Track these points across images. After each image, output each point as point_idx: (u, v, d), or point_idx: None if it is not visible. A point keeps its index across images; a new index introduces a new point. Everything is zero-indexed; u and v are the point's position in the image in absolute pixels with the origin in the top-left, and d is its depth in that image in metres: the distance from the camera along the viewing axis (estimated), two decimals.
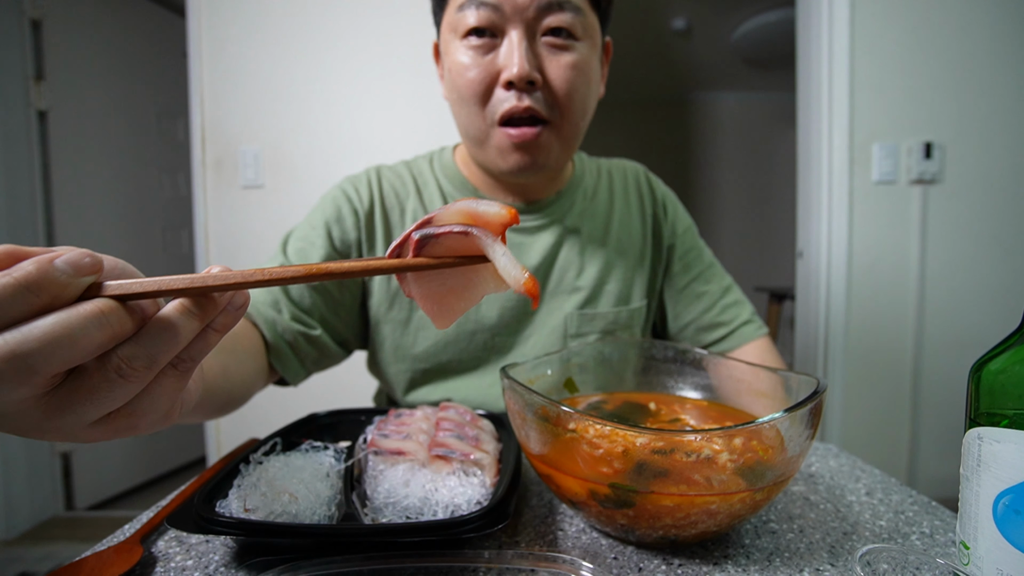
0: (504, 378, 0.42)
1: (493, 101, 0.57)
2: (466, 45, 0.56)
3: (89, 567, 0.35)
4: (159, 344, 0.23)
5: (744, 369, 0.49)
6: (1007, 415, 0.28)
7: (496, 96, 0.56)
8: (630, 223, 0.72)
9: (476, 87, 0.56)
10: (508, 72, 0.54)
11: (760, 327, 0.73)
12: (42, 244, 1.93)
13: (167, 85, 2.31)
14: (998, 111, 1.61)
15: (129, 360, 0.22)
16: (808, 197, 1.69)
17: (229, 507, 0.36)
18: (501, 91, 0.56)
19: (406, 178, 0.70)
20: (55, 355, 0.20)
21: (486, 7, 0.54)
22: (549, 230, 0.68)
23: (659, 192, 0.77)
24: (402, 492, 0.38)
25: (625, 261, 0.70)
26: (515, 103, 0.55)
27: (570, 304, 0.68)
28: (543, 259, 0.68)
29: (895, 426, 1.65)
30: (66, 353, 0.20)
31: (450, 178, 0.70)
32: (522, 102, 0.55)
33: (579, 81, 0.57)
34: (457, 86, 0.58)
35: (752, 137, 4.02)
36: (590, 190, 0.73)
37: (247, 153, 1.63)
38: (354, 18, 1.62)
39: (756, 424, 0.34)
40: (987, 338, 1.53)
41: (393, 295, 0.66)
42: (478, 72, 0.56)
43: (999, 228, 1.63)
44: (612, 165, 0.78)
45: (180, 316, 0.24)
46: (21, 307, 0.20)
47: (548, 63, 0.56)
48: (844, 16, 1.56)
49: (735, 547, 0.38)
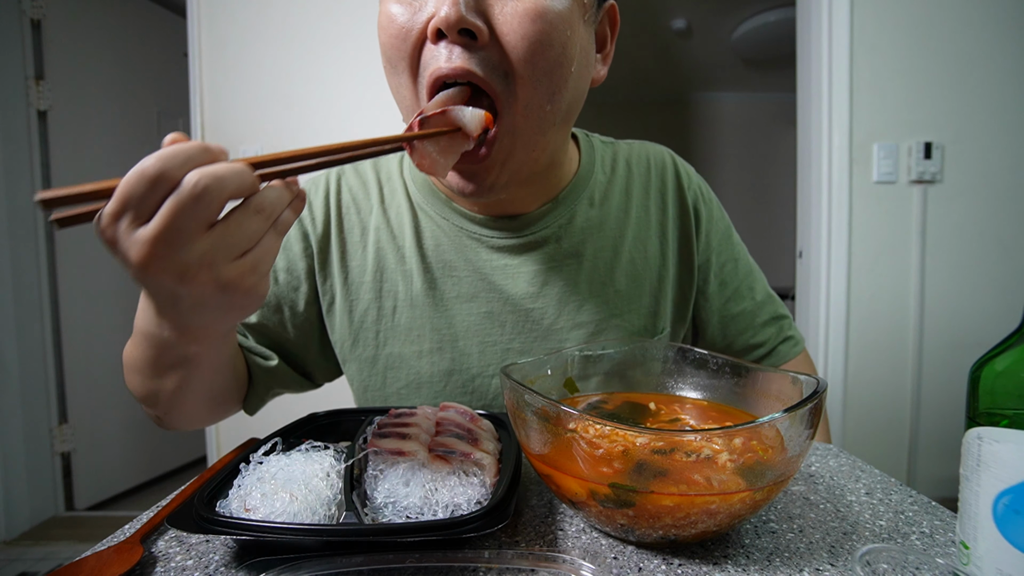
0: (504, 378, 0.42)
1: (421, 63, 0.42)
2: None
3: (89, 567, 0.35)
4: (275, 197, 0.31)
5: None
6: (1007, 415, 0.28)
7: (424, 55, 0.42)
8: (648, 234, 0.58)
9: (400, 43, 0.42)
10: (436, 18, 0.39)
11: (797, 343, 0.64)
12: (42, 244, 1.93)
13: (167, 85, 2.31)
14: (998, 111, 1.61)
15: (260, 202, 0.30)
16: (808, 197, 1.69)
17: (229, 507, 0.36)
18: (430, 47, 0.41)
19: (371, 186, 0.59)
20: (225, 186, 0.28)
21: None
22: (542, 250, 0.55)
23: (690, 193, 0.60)
24: (402, 492, 0.38)
25: (642, 287, 0.57)
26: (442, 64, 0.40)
27: (571, 339, 0.56)
28: (531, 290, 0.55)
29: (895, 426, 1.65)
30: (232, 185, 0.29)
31: (419, 185, 0.57)
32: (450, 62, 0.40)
33: (545, 36, 0.41)
34: (382, 46, 0.43)
35: (752, 137, 4.02)
36: (599, 193, 0.58)
37: (247, 153, 1.63)
38: (354, 18, 1.62)
39: (756, 424, 0.34)
40: (987, 338, 1.53)
41: (356, 332, 0.56)
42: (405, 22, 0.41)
43: (999, 228, 1.63)
44: (633, 152, 0.61)
45: (283, 185, 0.32)
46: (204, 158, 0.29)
47: (498, 8, 0.40)
48: (844, 16, 1.56)
49: (735, 547, 0.38)
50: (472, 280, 0.55)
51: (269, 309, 0.56)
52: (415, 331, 0.55)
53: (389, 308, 0.55)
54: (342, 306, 0.56)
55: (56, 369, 1.98)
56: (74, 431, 2.00)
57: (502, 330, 0.55)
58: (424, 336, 0.55)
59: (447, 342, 0.55)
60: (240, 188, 0.29)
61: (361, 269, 0.56)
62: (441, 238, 0.56)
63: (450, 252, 0.55)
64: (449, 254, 0.55)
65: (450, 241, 0.55)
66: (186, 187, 0.27)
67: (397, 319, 0.55)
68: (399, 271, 0.55)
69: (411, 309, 0.55)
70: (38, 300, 1.93)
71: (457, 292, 0.55)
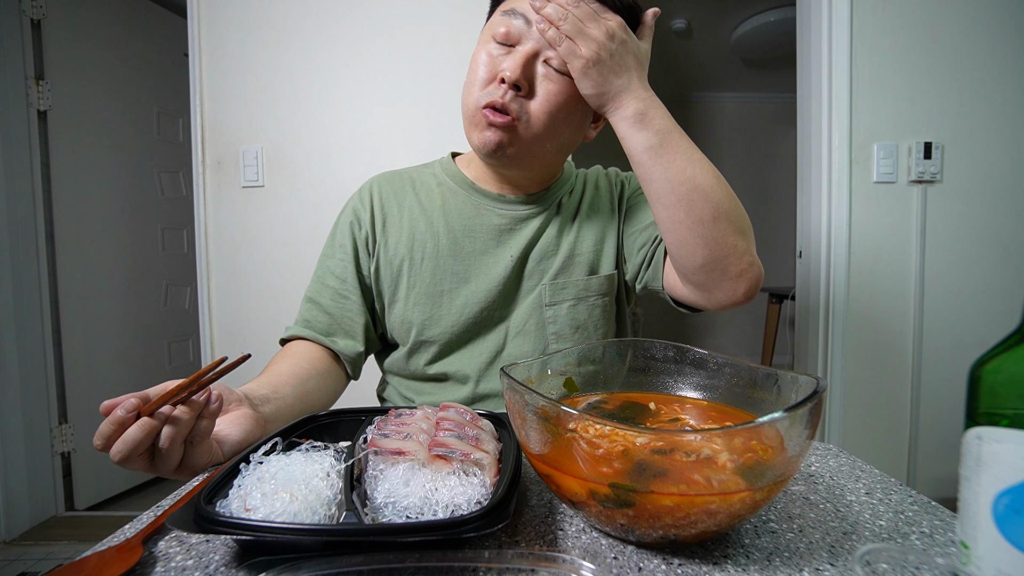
0: (504, 378, 0.42)
1: (488, 89, 0.68)
2: (492, 45, 0.68)
3: (90, 567, 0.35)
4: (177, 429, 0.46)
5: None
6: (1007, 415, 0.28)
7: (490, 87, 0.68)
8: (599, 203, 0.82)
9: (484, 75, 0.68)
10: (504, 72, 0.66)
11: None
12: (42, 244, 1.93)
13: (167, 85, 2.31)
14: (998, 111, 1.61)
15: (165, 439, 0.46)
16: (808, 197, 1.69)
17: (229, 507, 0.36)
18: (495, 85, 0.67)
19: (405, 183, 0.82)
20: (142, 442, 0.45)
21: (518, 16, 0.66)
22: (537, 218, 0.79)
23: (622, 175, 0.88)
24: (402, 492, 0.38)
25: (593, 235, 0.79)
26: (498, 98, 0.66)
27: (546, 277, 0.77)
28: (528, 242, 0.77)
29: (895, 426, 1.65)
30: (144, 440, 0.45)
31: (451, 175, 0.82)
32: (504, 97, 0.66)
33: (556, 106, 0.67)
34: (472, 70, 0.70)
35: (752, 137, 4.02)
36: (576, 189, 0.84)
37: (247, 153, 1.63)
38: (354, 18, 1.62)
39: (756, 424, 0.34)
40: (987, 338, 1.54)
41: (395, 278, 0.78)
42: (491, 67, 0.68)
43: (999, 228, 1.63)
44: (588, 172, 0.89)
45: (181, 414, 0.46)
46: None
47: (539, 82, 0.67)
48: (844, 16, 1.56)
49: (735, 547, 0.38)
50: (485, 238, 0.77)
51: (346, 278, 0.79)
52: (438, 275, 0.76)
53: (419, 259, 0.77)
54: (384, 261, 0.79)
55: (56, 369, 1.98)
56: (74, 431, 2.00)
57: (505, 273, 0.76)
58: (445, 279, 0.77)
59: (462, 283, 0.77)
60: (148, 438, 0.45)
61: (398, 235, 0.78)
62: (464, 208, 0.78)
63: (471, 218, 0.78)
64: (470, 220, 0.78)
65: (472, 210, 0.78)
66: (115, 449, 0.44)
67: (424, 267, 0.77)
68: (428, 233, 0.77)
69: (436, 260, 0.77)
70: (38, 300, 1.93)
71: (473, 247, 0.77)
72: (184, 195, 2.42)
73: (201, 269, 1.65)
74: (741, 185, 4.02)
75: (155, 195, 2.32)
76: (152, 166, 2.30)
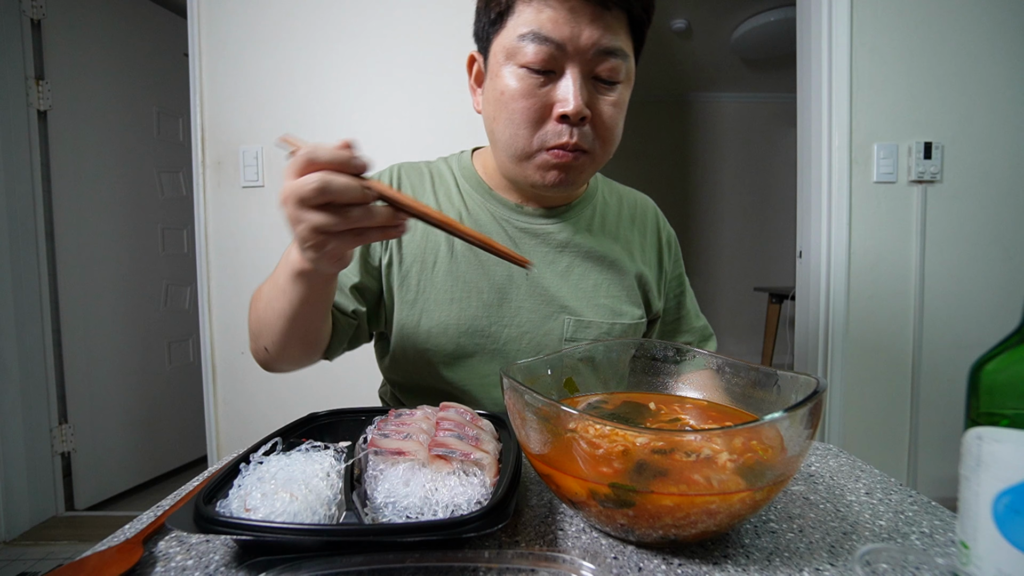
0: (504, 378, 0.42)
1: (545, 130, 0.61)
2: (522, 72, 0.60)
3: (90, 567, 0.35)
4: (376, 213, 0.43)
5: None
6: (1007, 415, 0.28)
7: (549, 127, 0.61)
8: (631, 249, 0.78)
9: (531, 115, 0.60)
10: (564, 107, 0.59)
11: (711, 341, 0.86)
12: (42, 244, 1.93)
13: (167, 85, 2.31)
14: (998, 111, 1.61)
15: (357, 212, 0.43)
16: (808, 197, 1.69)
17: (229, 507, 0.36)
18: (554, 123, 0.60)
19: (425, 175, 0.76)
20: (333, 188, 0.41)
21: (550, 44, 0.58)
22: (559, 236, 0.73)
23: (666, 231, 0.84)
24: (402, 492, 0.38)
25: (619, 281, 0.75)
26: (567, 139, 0.60)
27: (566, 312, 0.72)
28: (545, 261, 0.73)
29: (895, 426, 1.65)
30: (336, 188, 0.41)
31: (467, 178, 0.76)
32: (572, 138, 0.60)
33: (619, 117, 0.64)
34: (510, 109, 0.61)
35: (752, 137, 4.02)
36: (599, 208, 0.78)
37: (247, 153, 1.63)
38: (354, 18, 1.62)
39: (756, 424, 0.34)
40: (987, 338, 1.53)
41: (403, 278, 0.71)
42: (535, 102, 0.60)
43: (999, 228, 1.63)
44: (625, 192, 0.84)
45: (391, 212, 0.44)
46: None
47: (597, 101, 0.61)
48: (844, 16, 1.56)
49: (735, 547, 0.38)
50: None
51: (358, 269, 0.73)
52: (449, 281, 0.70)
53: (430, 262, 0.71)
54: (396, 259, 0.71)
55: (56, 369, 1.97)
56: (74, 431, 2.00)
57: (517, 291, 0.71)
58: (457, 286, 0.70)
59: (474, 293, 0.70)
60: (343, 193, 0.41)
61: (412, 233, 0.71)
62: (481, 215, 0.73)
63: (489, 225, 0.72)
64: (486, 228, 0.72)
65: (490, 218, 0.73)
66: (312, 179, 0.40)
67: (436, 271, 0.71)
68: (443, 235, 0.71)
69: (449, 264, 0.71)
70: (38, 300, 1.93)
71: (488, 257, 0.70)
72: (184, 195, 2.42)
73: (201, 269, 1.65)
74: (741, 185, 4.03)
75: (155, 195, 2.32)
76: (152, 166, 2.30)
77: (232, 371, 1.65)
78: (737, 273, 4.04)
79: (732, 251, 4.03)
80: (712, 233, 4.02)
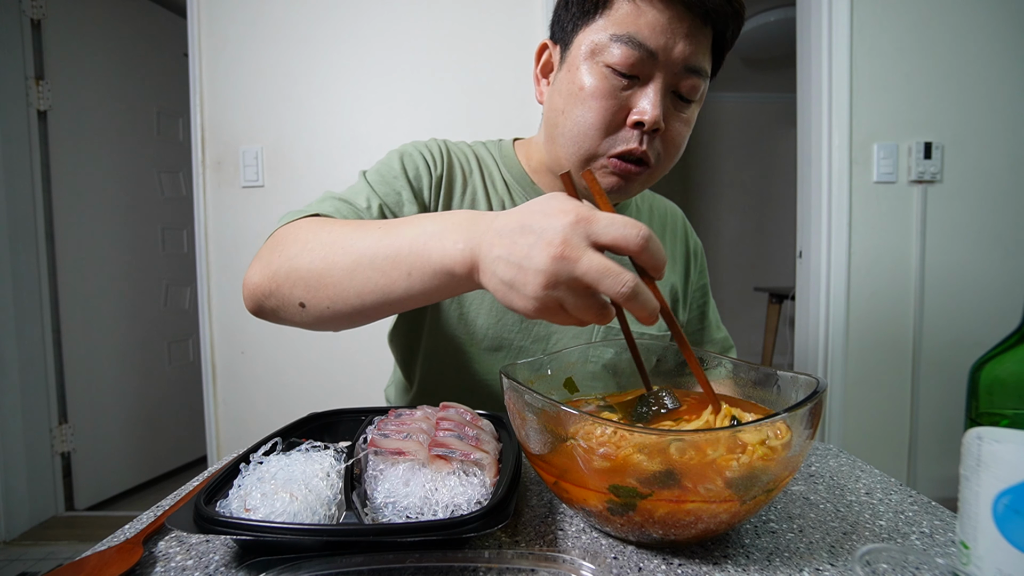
0: (504, 378, 0.42)
1: (616, 135, 0.60)
2: (606, 72, 0.58)
3: (90, 567, 0.35)
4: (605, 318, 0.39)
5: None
6: (1007, 415, 0.28)
7: (621, 133, 0.60)
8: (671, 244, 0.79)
9: (608, 116, 0.59)
10: (641, 115, 0.58)
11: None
12: (42, 244, 1.93)
13: (167, 85, 2.31)
14: (998, 111, 1.61)
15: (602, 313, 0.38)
16: (808, 197, 1.69)
17: (229, 507, 0.36)
18: (627, 129, 0.60)
19: (471, 158, 0.74)
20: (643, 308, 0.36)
21: (643, 50, 0.56)
22: None
23: (693, 240, 0.85)
24: (402, 492, 0.38)
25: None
26: (635, 145, 0.59)
27: None
28: None
29: (895, 426, 1.65)
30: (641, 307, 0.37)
31: (511, 170, 0.74)
32: (642, 145, 0.59)
33: (687, 136, 0.63)
34: (587, 107, 0.60)
35: (752, 137, 4.02)
36: (634, 216, 0.78)
37: (247, 153, 1.63)
38: (354, 17, 1.62)
39: (756, 424, 0.34)
40: (987, 338, 1.53)
41: None
42: (614, 104, 0.59)
43: (999, 228, 1.63)
44: (655, 199, 0.85)
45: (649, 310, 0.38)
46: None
47: (671, 116, 0.61)
48: (844, 16, 1.56)
49: (735, 547, 0.38)
50: None
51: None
52: None
53: None
54: None
55: (56, 369, 1.97)
56: (74, 431, 2.00)
57: None
58: None
59: None
60: (639, 309, 0.37)
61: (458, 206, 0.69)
62: None
63: None
64: None
65: None
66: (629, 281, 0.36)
67: None
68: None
69: None
70: (38, 300, 1.93)
71: None
72: (184, 195, 2.42)
73: (201, 269, 1.65)
74: (741, 185, 4.03)
75: (155, 195, 2.32)
76: (152, 166, 2.30)
77: (232, 371, 1.65)
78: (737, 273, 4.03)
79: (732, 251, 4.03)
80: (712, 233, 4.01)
